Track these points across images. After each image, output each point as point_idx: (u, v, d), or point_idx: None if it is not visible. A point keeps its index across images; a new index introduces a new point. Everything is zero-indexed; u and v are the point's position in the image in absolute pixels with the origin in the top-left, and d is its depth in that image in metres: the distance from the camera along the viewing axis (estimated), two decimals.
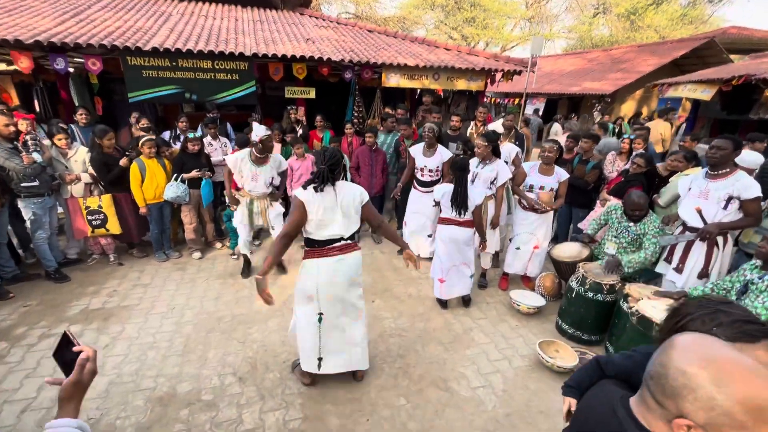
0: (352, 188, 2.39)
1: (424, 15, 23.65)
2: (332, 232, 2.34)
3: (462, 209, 3.29)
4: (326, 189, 2.26)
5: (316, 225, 2.29)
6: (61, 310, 3.40)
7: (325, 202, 2.26)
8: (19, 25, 4.56)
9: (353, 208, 2.37)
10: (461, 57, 6.42)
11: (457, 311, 3.60)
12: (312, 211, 2.25)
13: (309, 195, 2.23)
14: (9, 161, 3.39)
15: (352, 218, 2.39)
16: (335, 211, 2.30)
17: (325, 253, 2.36)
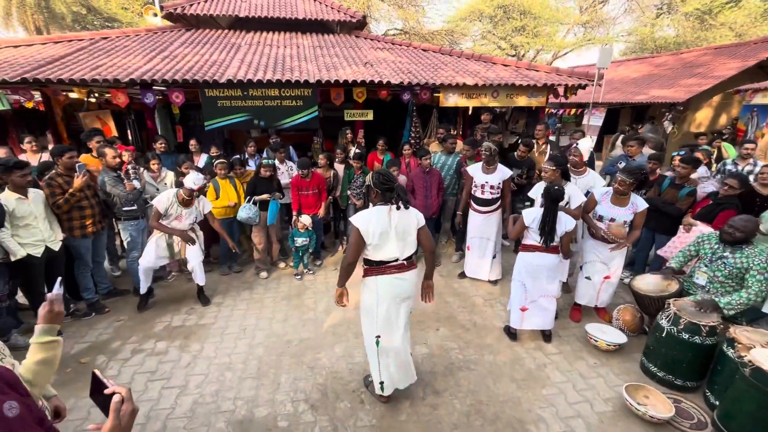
0: (411, 212, 2.49)
1: (472, 27, 23.47)
2: (388, 254, 2.45)
3: (549, 239, 3.15)
4: (380, 212, 2.40)
5: (373, 248, 2.44)
6: (148, 326, 3.69)
7: (380, 227, 2.38)
8: (116, 65, 5.12)
9: (410, 232, 2.47)
10: (521, 73, 6.25)
11: (527, 344, 3.43)
12: (368, 236, 2.38)
13: (363, 223, 2.38)
14: (115, 188, 3.79)
15: (408, 241, 2.49)
16: (389, 235, 2.42)
17: (382, 271, 2.49)
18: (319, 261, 5.02)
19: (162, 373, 3.06)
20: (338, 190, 5.07)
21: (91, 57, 5.40)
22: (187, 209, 3.81)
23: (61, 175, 3.57)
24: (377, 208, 2.45)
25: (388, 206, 2.43)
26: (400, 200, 2.43)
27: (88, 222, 3.73)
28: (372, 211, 2.44)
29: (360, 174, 4.87)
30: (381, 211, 2.42)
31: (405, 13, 19.51)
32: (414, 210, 2.53)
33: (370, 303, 2.55)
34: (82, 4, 23.70)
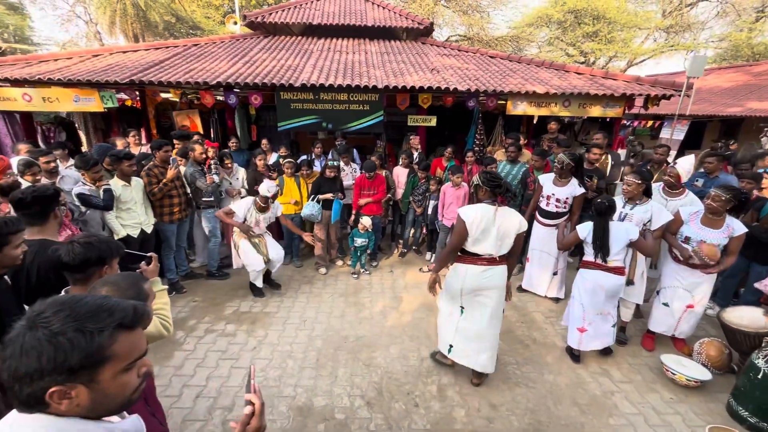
0: (515, 216, 2.68)
1: (539, 33, 22.59)
2: (484, 249, 2.66)
3: (604, 254, 3.00)
4: (486, 209, 2.60)
5: (472, 241, 2.66)
6: (220, 309, 4.00)
7: (484, 223, 2.59)
8: (205, 69, 5.64)
9: (510, 234, 2.65)
10: (596, 81, 5.92)
11: (591, 367, 3.23)
12: (472, 229, 2.61)
13: (470, 216, 2.60)
14: (199, 181, 4.19)
15: (506, 242, 2.67)
16: (490, 232, 2.62)
17: (473, 261, 2.71)
18: (375, 262, 5.12)
19: (231, 354, 3.30)
20: (399, 193, 5.15)
21: (185, 62, 6.00)
22: (263, 215, 4.09)
23: (158, 167, 4.01)
24: (484, 204, 2.65)
25: (495, 206, 2.63)
26: (508, 196, 2.69)
27: (176, 209, 4.14)
28: (479, 207, 2.64)
29: (424, 182, 4.90)
30: (488, 208, 2.61)
31: (470, 19, 19.30)
32: (518, 214, 2.70)
33: (455, 287, 2.80)
34: (172, 14, 26.35)
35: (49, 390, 0.70)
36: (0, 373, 0.71)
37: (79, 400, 0.74)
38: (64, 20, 29.76)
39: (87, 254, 1.49)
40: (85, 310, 0.74)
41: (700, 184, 4.05)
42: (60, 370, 0.70)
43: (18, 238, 1.67)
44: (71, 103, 5.27)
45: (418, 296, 4.34)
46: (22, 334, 0.70)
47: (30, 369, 0.69)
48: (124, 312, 0.78)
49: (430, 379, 3.04)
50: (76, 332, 0.71)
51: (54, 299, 0.76)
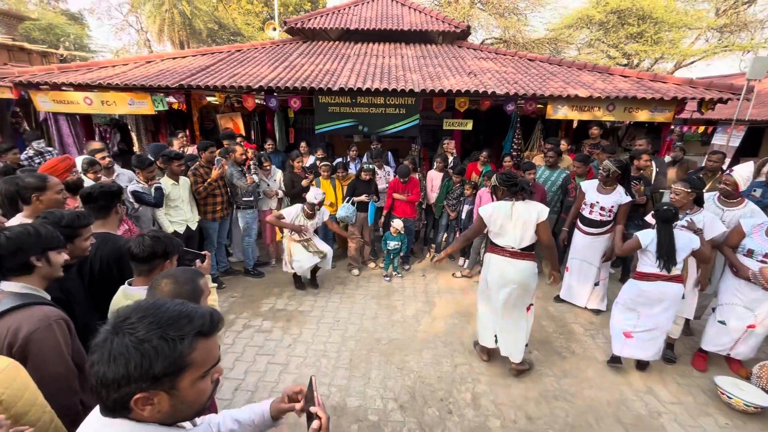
0: (533, 206, 2.85)
1: (578, 35, 21.82)
2: (506, 241, 2.91)
3: (669, 264, 2.87)
4: (502, 206, 2.86)
5: (494, 234, 2.96)
6: (257, 305, 4.13)
7: (501, 218, 2.86)
8: (247, 74, 5.87)
9: (530, 224, 2.82)
10: (643, 84, 5.64)
11: (636, 384, 3.07)
12: (490, 224, 2.90)
13: (488, 212, 2.90)
14: (239, 181, 4.36)
15: (528, 232, 2.85)
16: (508, 225, 2.86)
17: (498, 252, 2.97)
18: (408, 266, 5.11)
19: (267, 350, 3.40)
20: (431, 197, 5.12)
21: (229, 67, 6.27)
22: (311, 221, 4.22)
23: (203, 167, 4.21)
24: (501, 201, 2.91)
25: (512, 201, 2.85)
26: (524, 193, 2.86)
27: (218, 208, 4.32)
28: (495, 204, 2.92)
29: (459, 186, 4.86)
30: (504, 204, 2.87)
31: (506, 21, 18.96)
32: (538, 204, 2.87)
33: (483, 275, 3.11)
34: (215, 21, 27.68)
35: (134, 397, 0.72)
36: (88, 377, 0.74)
37: (160, 407, 0.76)
38: (118, 29, 31.90)
39: (155, 247, 1.60)
40: (167, 317, 0.76)
41: (758, 194, 3.76)
42: (145, 377, 0.72)
43: (87, 231, 1.81)
44: (126, 106, 5.63)
45: (451, 302, 4.29)
46: (110, 340, 0.73)
47: (118, 375, 0.71)
48: (203, 319, 0.79)
49: (464, 386, 3.00)
50: (160, 340, 0.73)
51: (138, 305, 0.79)
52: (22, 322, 1.36)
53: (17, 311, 1.38)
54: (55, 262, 1.54)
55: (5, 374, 1.15)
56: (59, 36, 28.63)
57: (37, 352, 1.37)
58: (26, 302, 1.41)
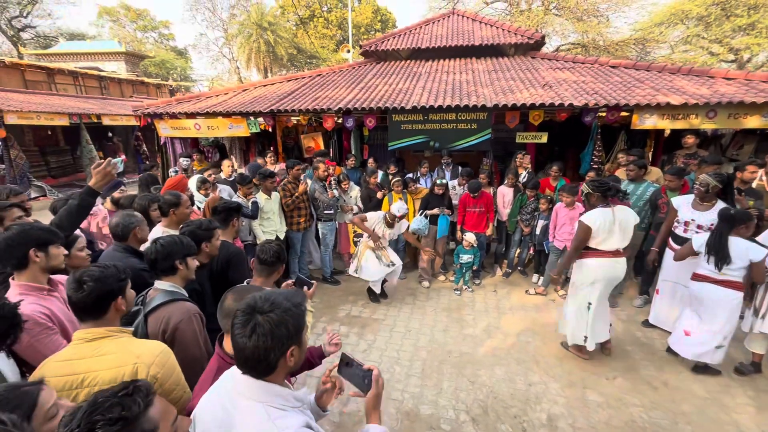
0: (629, 211, 3.24)
1: (671, 32, 19.74)
2: (611, 246, 3.17)
3: (720, 262, 2.92)
4: (605, 213, 3.11)
5: (600, 241, 3.16)
6: (334, 311, 4.45)
7: (606, 225, 3.10)
8: (327, 97, 6.41)
9: (630, 226, 3.20)
10: (753, 87, 5.00)
11: (744, 425, 2.73)
12: (600, 232, 3.12)
13: (596, 222, 3.10)
14: (322, 195, 4.78)
15: (627, 235, 3.19)
16: (614, 230, 3.13)
17: (601, 255, 3.20)
18: (478, 280, 5.09)
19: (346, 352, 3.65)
20: (503, 213, 5.07)
21: (311, 90, 6.89)
22: (390, 230, 4.49)
23: (291, 183, 4.70)
24: (601, 209, 3.14)
25: (610, 207, 3.12)
26: (620, 196, 3.19)
27: (302, 220, 4.77)
28: (599, 211, 3.13)
29: (533, 200, 4.76)
30: (606, 211, 3.12)
31: (585, 25, 17.92)
32: (631, 210, 3.26)
33: (587, 280, 3.26)
34: (294, 47, 30.21)
35: (290, 349, 1.03)
36: (242, 353, 1.02)
37: (295, 358, 1.05)
38: (213, 60, 36.44)
39: (280, 254, 2.01)
40: (286, 295, 1.07)
41: None
42: (297, 333, 1.03)
43: (218, 234, 2.29)
44: (227, 130, 6.49)
45: (524, 319, 4.19)
46: (257, 319, 1.01)
47: (283, 336, 1.01)
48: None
49: (540, 406, 2.94)
50: (296, 307, 1.05)
51: (257, 296, 1.07)
52: (173, 313, 1.74)
53: (168, 305, 1.76)
54: (191, 266, 1.93)
55: (161, 357, 1.46)
56: (169, 69, 33.49)
57: (182, 338, 1.73)
58: (174, 298, 1.80)
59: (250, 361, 1.03)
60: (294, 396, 1.15)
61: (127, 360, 1.41)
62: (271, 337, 0.99)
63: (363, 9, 30.67)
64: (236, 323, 1.03)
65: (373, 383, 1.25)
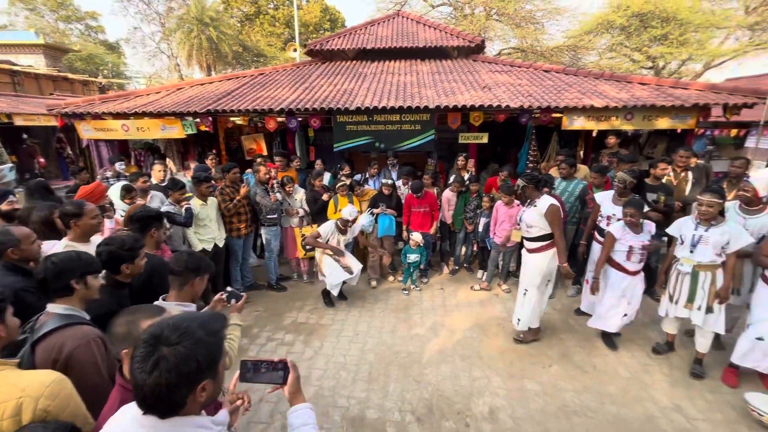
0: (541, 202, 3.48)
1: (599, 40, 21.48)
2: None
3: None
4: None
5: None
6: (280, 319, 4.29)
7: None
8: (269, 97, 6.18)
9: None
10: (663, 92, 5.55)
11: (661, 400, 2.99)
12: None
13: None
14: (263, 199, 4.59)
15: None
16: None
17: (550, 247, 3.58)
18: (426, 279, 5.17)
19: None
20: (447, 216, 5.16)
21: (252, 90, 6.62)
22: (344, 237, 4.42)
23: (229, 187, 4.46)
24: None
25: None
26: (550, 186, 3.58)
27: (242, 225, 4.55)
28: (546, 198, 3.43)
29: (475, 197, 4.91)
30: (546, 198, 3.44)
31: (523, 31, 18.94)
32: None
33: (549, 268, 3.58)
34: (239, 44, 28.99)
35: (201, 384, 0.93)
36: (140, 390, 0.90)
37: (208, 393, 0.96)
38: (150, 56, 33.95)
39: (189, 263, 1.82)
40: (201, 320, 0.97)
41: None
42: (211, 365, 0.94)
43: (143, 252, 2.09)
44: (159, 131, 6.04)
45: (469, 315, 4.31)
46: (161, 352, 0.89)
47: (191, 371, 0.90)
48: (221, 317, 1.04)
49: (482, 400, 3.02)
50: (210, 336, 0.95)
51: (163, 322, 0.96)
52: (66, 340, 1.54)
53: (61, 330, 1.55)
54: (93, 286, 1.71)
55: (52, 387, 1.29)
56: (98, 65, 30.70)
57: (79, 366, 1.54)
58: (69, 322, 1.59)
59: (149, 400, 0.91)
60: (213, 421, 1.05)
61: (9, 395, 1.23)
62: (176, 373, 0.88)
63: (311, 8, 30.17)
64: (136, 355, 0.91)
65: (291, 369, 1.24)
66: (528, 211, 3.51)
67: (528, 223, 3.52)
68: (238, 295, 2.12)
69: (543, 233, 3.48)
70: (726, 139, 10.23)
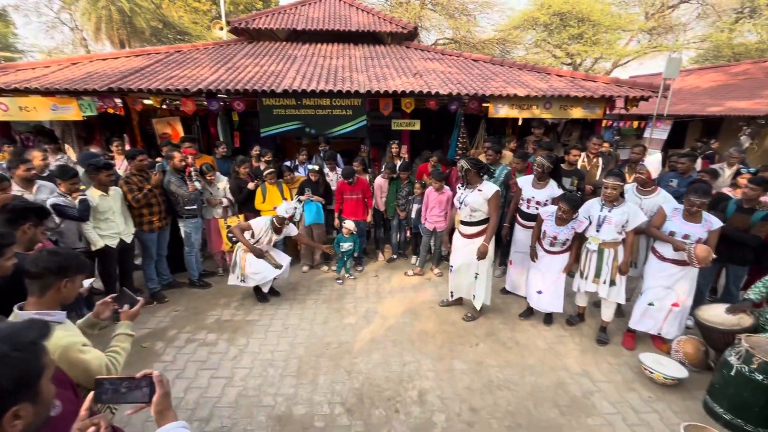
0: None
1: (525, 35, 22.83)
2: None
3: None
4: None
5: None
6: (201, 318, 3.96)
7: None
8: (186, 76, 5.61)
9: None
10: (577, 83, 6.00)
11: (572, 367, 3.25)
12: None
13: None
14: (179, 188, 4.15)
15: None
16: None
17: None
18: (360, 267, 5.11)
19: (211, 363, 3.26)
20: (380, 203, 5.12)
21: (166, 69, 5.96)
22: (277, 236, 4.14)
23: (135, 175, 3.97)
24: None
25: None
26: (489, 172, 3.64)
27: (155, 218, 4.09)
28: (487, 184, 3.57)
29: (407, 184, 4.92)
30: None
31: (456, 22, 19.47)
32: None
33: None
34: (159, 19, 26.18)
35: (11, 410, 0.74)
36: None
37: (26, 420, 0.77)
38: (49, 27, 29.36)
39: (49, 262, 1.46)
40: (8, 333, 0.77)
41: (674, 184, 4.12)
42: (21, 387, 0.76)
43: (10, 251, 1.75)
44: (48, 112, 5.19)
45: (403, 300, 4.33)
46: None
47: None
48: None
49: (412, 384, 3.04)
50: (17, 351, 0.77)
51: None
52: None
53: None
54: None
55: None
56: None
57: None
58: None
59: None
60: None
61: None
62: None
63: None
64: None
65: (157, 386, 1.07)
66: (472, 195, 3.55)
67: (473, 207, 3.56)
68: (132, 298, 1.83)
69: (485, 217, 3.60)
70: (629, 130, 11.46)
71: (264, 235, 4.06)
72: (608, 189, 3.29)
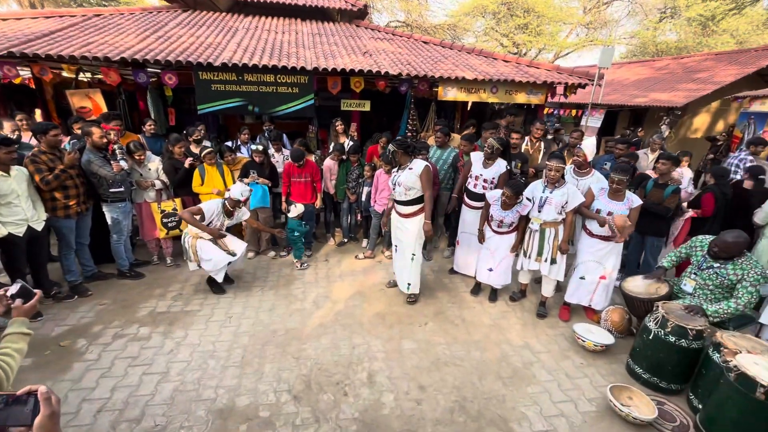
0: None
1: (475, 22, 23.25)
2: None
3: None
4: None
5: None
6: (132, 311, 3.62)
7: None
8: (107, 43, 4.98)
9: None
10: (521, 69, 6.18)
11: (514, 340, 3.41)
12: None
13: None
14: (102, 169, 3.70)
15: None
16: None
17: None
18: (309, 252, 4.96)
19: (143, 359, 3.00)
20: (330, 186, 4.98)
21: (83, 34, 5.25)
22: (229, 220, 3.84)
23: (45, 153, 3.47)
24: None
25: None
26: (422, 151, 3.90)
27: (72, 202, 3.63)
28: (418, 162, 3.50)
29: (357, 166, 4.80)
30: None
31: (408, 5, 19.30)
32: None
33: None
34: None
35: None
36: None
37: None
38: None
39: None
40: None
41: (608, 167, 4.42)
42: None
43: None
44: None
45: (353, 284, 4.28)
46: None
47: None
48: None
49: (361, 366, 3.01)
50: None
51: None
52: None
53: None
54: None
55: None
56: None
57: None
58: None
59: None
60: None
61: None
62: None
63: None
64: None
65: (42, 404, 0.91)
66: (404, 174, 3.52)
67: (407, 186, 3.53)
68: (29, 291, 1.57)
69: (419, 195, 3.56)
70: (568, 118, 12.18)
71: (215, 219, 3.77)
72: (552, 171, 3.44)
